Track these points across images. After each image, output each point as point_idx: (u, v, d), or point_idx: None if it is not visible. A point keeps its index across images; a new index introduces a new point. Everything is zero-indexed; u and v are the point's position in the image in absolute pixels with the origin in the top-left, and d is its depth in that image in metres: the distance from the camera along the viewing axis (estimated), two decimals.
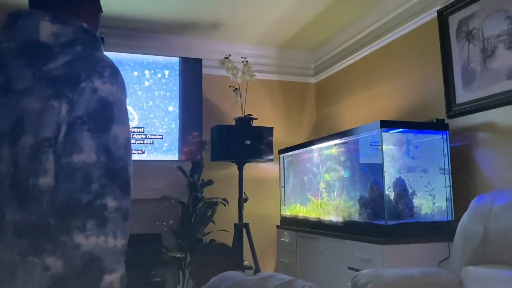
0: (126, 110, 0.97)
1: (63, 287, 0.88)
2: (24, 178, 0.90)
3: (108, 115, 0.92)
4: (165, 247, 3.49)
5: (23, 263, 0.87)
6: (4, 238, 0.89)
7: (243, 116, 3.41)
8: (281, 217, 3.80)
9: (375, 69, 3.55)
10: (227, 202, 3.63)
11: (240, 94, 3.48)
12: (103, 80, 0.93)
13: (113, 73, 0.96)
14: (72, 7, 1.05)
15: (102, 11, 1.15)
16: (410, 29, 3.17)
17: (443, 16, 2.81)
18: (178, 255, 3.38)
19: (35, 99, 0.92)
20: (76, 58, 0.96)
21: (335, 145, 3.14)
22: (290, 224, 3.56)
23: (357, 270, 2.25)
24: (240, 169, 3.39)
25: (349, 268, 2.59)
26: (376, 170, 2.59)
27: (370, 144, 2.76)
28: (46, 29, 0.97)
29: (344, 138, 2.97)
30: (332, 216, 3.01)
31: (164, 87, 3.66)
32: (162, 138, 3.60)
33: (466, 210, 2.24)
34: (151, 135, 3.57)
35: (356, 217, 2.75)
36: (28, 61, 0.95)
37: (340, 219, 2.90)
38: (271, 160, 3.43)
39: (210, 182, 3.66)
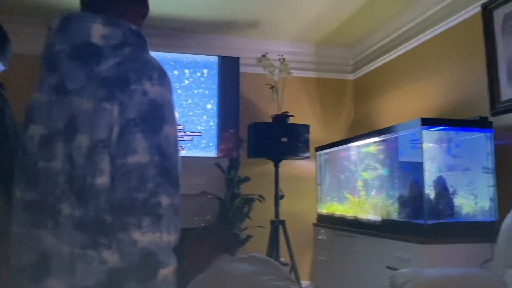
0: (174, 110, 1.00)
1: (119, 280, 0.92)
2: (82, 176, 0.93)
3: (158, 116, 0.95)
4: None
5: (83, 255, 0.91)
6: (63, 231, 0.93)
7: (279, 113, 3.43)
8: (317, 215, 3.79)
9: (416, 66, 3.47)
10: (264, 198, 3.65)
11: (277, 91, 3.49)
12: (152, 83, 0.96)
13: (161, 75, 0.99)
14: (122, 9, 1.08)
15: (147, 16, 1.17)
16: (452, 24, 3.08)
17: (487, 10, 2.71)
18: None
19: (87, 100, 0.96)
20: (125, 59, 0.99)
21: (374, 143, 3.10)
22: (327, 222, 3.55)
23: (396, 270, 2.22)
24: (276, 166, 3.41)
25: (387, 267, 2.56)
26: (416, 169, 2.54)
27: (410, 142, 2.71)
28: (98, 31, 0.99)
29: (383, 135, 2.93)
30: (370, 215, 2.98)
31: (203, 85, 3.73)
32: (200, 135, 3.67)
33: (510, 211, 2.16)
34: (190, 132, 3.65)
35: (395, 216, 2.72)
36: (80, 63, 0.98)
37: (378, 218, 2.87)
38: (308, 157, 3.42)
39: (246, 179, 3.71)
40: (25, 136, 1.03)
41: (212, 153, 3.68)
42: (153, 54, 1.05)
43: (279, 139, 3.26)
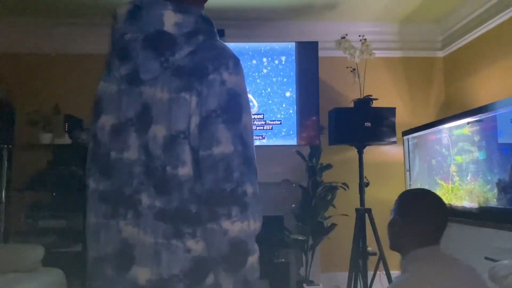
0: (248, 98, 0.97)
1: (203, 268, 0.93)
2: (160, 167, 0.92)
3: (237, 105, 0.93)
4: (287, 229, 3.56)
5: (167, 245, 0.92)
6: (144, 221, 0.93)
7: (362, 97, 3.28)
8: None
9: None
10: (347, 186, 3.55)
11: (358, 74, 3.35)
12: (229, 71, 0.93)
13: (236, 63, 0.96)
14: None
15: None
16: None
17: None
18: (300, 238, 3.43)
19: (161, 90, 0.93)
20: (199, 48, 0.95)
21: (468, 123, 2.84)
22: None
23: (496, 261, 2.02)
24: (360, 153, 3.27)
25: (486, 258, 2.35)
26: None
27: None
28: (170, 18, 0.96)
29: (479, 115, 2.68)
30: (465, 202, 2.75)
31: (281, 73, 3.70)
32: (280, 123, 3.66)
33: None
34: (270, 121, 3.66)
35: (494, 203, 2.47)
36: (155, 52, 0.94)
37: (474, 205, 2.63)
38: (394, 142, 3.24)
39: (329, 166, 3.63)
40: (96, 126, 1.03)
41: (293, 141, 3.65)
42: (232, 45, 1.02)
43: (363, 124, 3.12)
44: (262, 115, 3.65)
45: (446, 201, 2.99)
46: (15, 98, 3.57)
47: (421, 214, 1.33)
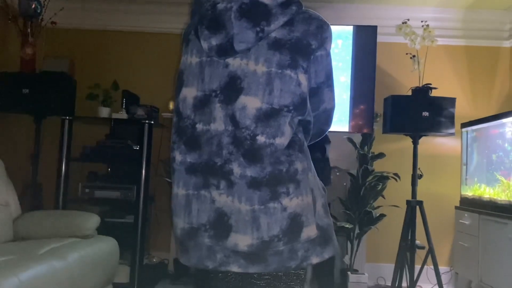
0: None
1: (298, 224, 0.97)
2: (249, 136, 0.94)
3: (331, 69, 1.08)
4: (334, 216, 3.53)
5: (265, 210, 0.94)
6: (238, 190, 0.95)
7: (420, 85, 3.16)
8: (461, 197, 3.46)
9: None
10: (399, 177, 3.46)
11: (418, 61, 3.22)
12: (330, 43, 1.04)
13: (331, 31, 1.05)
14: None
15: None
16: None
17: None
18: (347, 226, 3.39)
19: (255, 62, 0.94)
20: (295, 19, 0.97)
21: None
22: (472, 205, 3.22)
23: None
24: (415, 143, 3.17)
25: None
26: None
27: None
28: None
29: None
30: None
31: (337, 57, 3.62)
32: None
33: None
34: None
35: None
36: (250, 22, 0.94)
37: None
38: (452, 134, 3.11)
39: (381, 155, 3.54)
40: (178, 100, 1.04)
41: (345, 127, 3.58)
42: None
43: (420, 113, 3.02)
44: None
45: (506, 198, 2.85)
46: (77, 72, 3.70)
47: None
